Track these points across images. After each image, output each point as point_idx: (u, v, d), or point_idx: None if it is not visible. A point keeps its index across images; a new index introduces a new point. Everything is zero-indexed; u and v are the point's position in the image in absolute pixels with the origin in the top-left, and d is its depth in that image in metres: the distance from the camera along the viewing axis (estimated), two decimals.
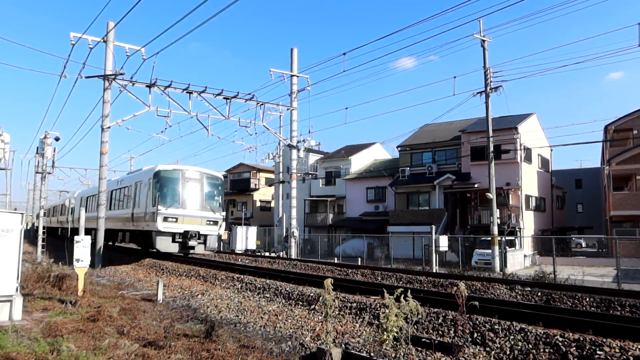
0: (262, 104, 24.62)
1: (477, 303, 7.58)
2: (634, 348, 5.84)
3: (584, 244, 43.18)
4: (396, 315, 4.82)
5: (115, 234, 25.14)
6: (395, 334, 4.87)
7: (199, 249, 20.39)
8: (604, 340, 6.20)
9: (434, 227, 24.30)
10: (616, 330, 6.99)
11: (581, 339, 6.34)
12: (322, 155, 47.72)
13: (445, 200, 35.25)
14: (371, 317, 8.76)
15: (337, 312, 9.00)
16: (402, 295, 5.46)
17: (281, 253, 30.25)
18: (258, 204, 56.90)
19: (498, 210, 25.65)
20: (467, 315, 7.78)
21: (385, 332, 4.82)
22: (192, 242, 19.80)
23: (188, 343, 7.57)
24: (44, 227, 27.01)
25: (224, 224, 21.73)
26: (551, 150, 39.77)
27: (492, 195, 23.92)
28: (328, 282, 5.73)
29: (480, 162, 30.28)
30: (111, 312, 9.90)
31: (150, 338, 7.88)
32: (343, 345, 7.14)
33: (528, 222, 33.07)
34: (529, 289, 12.33)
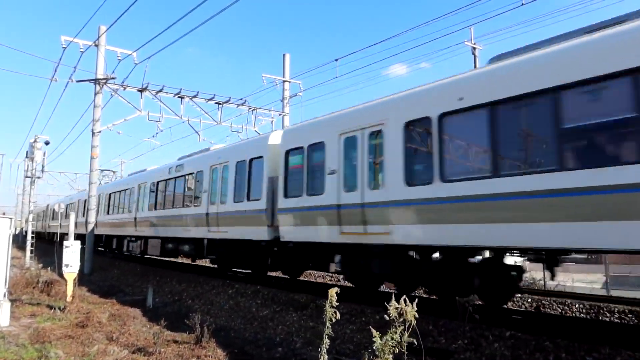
0: (254, 109, 24.61)
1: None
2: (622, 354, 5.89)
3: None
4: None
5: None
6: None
7: None
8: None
9: None
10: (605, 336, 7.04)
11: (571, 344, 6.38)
12: None
13: None
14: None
15: None
16: None
17: None
18: None
19: None
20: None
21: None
22: None
23: (178, 349, 7.52)
24: (32, 232, 26.75)
25: None
26: None
27: None
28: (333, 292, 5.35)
29: None
30: (100, 317, 9.83)
31: (140, 344, 7.83)
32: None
33: None
34: (519, 295, 12.39)
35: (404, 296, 4.75)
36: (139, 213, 21.11)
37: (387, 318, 4.70)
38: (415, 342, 4.66)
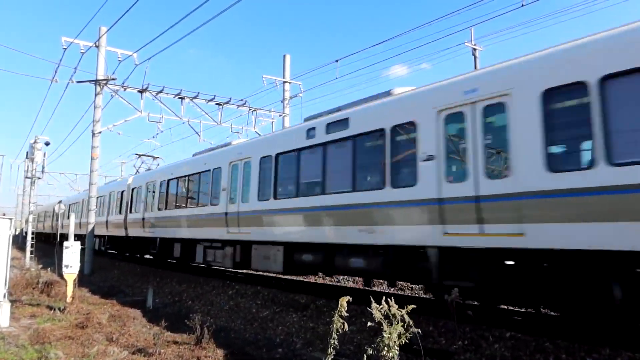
0: (254, 110, 24.64)
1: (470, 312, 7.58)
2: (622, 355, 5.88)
3: None
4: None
5: None
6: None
7: None
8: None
9: None
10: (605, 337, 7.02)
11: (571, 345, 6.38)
12: None
13: None
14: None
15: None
16: None
17: None
18: None
19: None
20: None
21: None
22: None
23: (178, 350, 7.52)
24: (33, 233, 26.77)
25: None
26: None
27: None
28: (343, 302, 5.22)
29: None
30: (100, 318, 9.83)
31: (140, 345, 7.84)
32: None
33: None
34: None
35: (384, 297, 4.72)
36: (234, 205, 13.67)
37: (372, 323, 4.72)
38: (420, 332, 4.66)
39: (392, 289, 14.10)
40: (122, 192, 23.64)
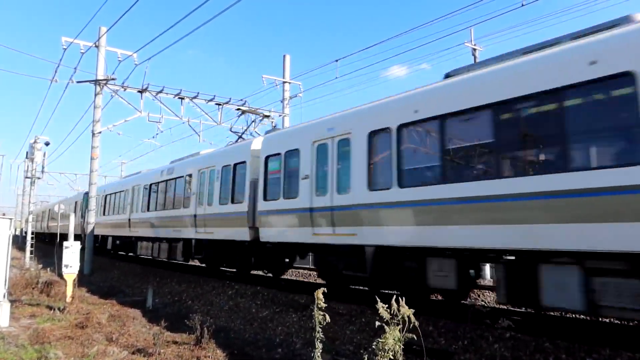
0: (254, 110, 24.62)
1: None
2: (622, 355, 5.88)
3: None
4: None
5: None
6: None
7: None
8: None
9: None
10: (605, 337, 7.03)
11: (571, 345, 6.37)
12: None
13: None
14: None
15: None
16: None
17: None
18: None
19: None
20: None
21: None
22: None
23: (178, 350, 7.52)
24: (33, 233, 26.75)
25: None
26: None
27: None
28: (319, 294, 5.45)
29: None
30: (100, 318, 9.83)
31: (140, 345, 7.83)
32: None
33: None
34: None
35: (395, 296, 4.76)
36: None
37: (379, 322, 4.71)
38: (415, 337, 4.67)
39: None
40: (235, 165, 14.36)
